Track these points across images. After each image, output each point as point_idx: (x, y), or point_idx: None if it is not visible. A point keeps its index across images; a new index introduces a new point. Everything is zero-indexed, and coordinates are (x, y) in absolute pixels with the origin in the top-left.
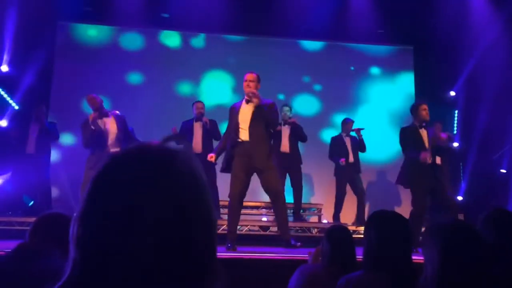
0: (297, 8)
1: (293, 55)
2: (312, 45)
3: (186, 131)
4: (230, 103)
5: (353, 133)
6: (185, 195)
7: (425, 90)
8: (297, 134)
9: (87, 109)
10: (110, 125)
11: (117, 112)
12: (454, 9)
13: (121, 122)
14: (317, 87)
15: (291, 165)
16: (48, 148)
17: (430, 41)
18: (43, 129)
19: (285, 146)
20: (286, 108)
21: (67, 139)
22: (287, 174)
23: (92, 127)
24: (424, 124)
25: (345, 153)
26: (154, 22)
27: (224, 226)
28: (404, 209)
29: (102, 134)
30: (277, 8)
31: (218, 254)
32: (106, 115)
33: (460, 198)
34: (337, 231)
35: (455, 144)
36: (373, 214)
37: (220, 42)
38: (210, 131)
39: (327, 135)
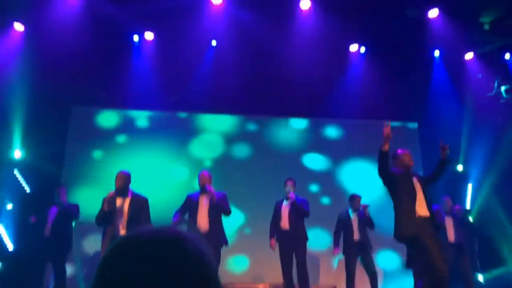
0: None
1: (292, 133)
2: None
3: (190, 205)
4: None
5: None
6: (196, 283)
7: (431, 164)
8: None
9: (99, 194)
10: (125, 206)
11: (139, 193)
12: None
13: (137, 203)
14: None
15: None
16: (68, 230)
17: (434, 117)
18: (62, 211)
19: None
20: None
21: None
22: None
23: (105, 206)
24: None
25: (350, 230)
26: (164, 105)
27: None
28: None
29: (114, 214)
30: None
31: None
32: (126, 195)
33: None
34: None
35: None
36: None
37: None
38: (218, 206)
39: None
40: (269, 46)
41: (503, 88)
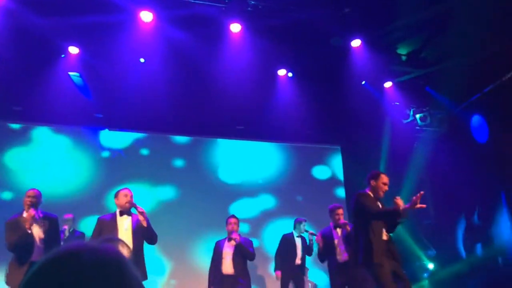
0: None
1: (220, 154)
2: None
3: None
4: None
5: (305, 234)
6: None
7: (354, 189)
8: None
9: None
10: (40, 226)
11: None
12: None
13: (51, 223)
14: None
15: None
16: None
17: (356, 141)
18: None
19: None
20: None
21: None
22: None
23: (27, 228)
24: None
25: (293, 253)
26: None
27: None
28: None
29: (26, 237)
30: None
31: None
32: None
33: None
34: None
35: None
36: None
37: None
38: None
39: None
40: (199, 66)
41: (418, 116)
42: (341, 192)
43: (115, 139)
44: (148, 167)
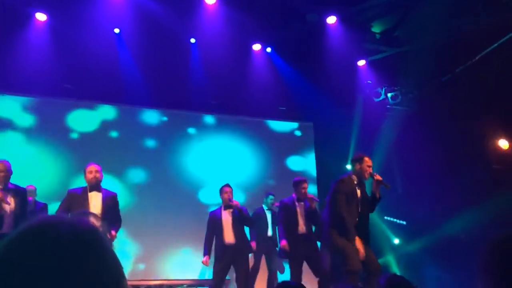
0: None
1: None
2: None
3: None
4: None
5: (275, 208)
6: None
7: (325, 164)
8: None
9: None
10: (11, 201)
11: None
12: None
13: (21, 196)
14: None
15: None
16: None
17: (328, 118)
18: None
19: None
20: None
21: None
22: None
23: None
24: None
25: (264, 227)
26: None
27: None
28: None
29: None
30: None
31: None
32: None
33: None
34: None
35: None
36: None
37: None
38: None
39: None
40: (173, 38)
41: (389, 95)
42: (312, 169)
43: (82, 116)
44: (117, 146)
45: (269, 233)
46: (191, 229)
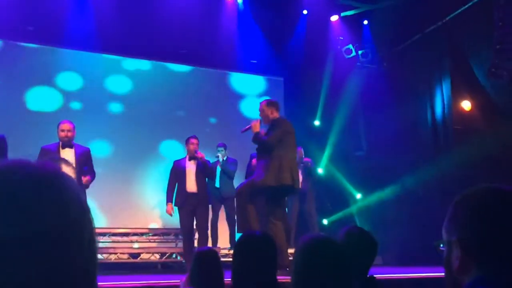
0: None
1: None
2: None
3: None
4: None
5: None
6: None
7: (294, 119)
8: None
9: None
10: None
11: None
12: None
13: None
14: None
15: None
16: None
17: (299, 73)
18: None
19: None
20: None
21: None
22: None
23: None
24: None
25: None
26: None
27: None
28: None
29: None
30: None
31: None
32: None
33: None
34: (204, 254)
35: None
36: (240, 238)
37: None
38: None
39: None
40: None
41: (360, 52)
42: None
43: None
44: (81, 94)
45: (217, 184)
46: (155, 180)
